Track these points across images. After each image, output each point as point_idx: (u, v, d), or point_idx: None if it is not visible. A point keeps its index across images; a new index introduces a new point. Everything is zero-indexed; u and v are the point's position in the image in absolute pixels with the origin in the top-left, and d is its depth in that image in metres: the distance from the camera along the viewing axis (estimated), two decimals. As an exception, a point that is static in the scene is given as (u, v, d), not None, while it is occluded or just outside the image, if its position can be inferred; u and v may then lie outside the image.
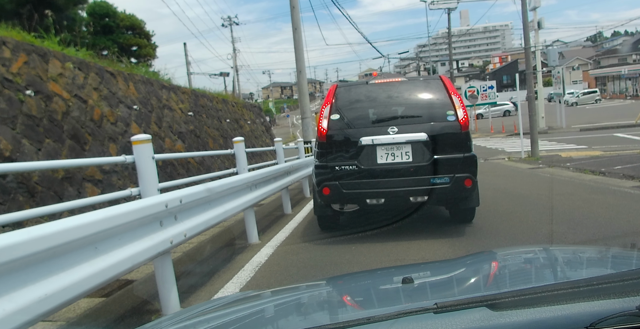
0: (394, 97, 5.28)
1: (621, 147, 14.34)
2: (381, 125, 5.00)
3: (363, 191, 4.92)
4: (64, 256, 2.05)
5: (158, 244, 2.83)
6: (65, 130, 6.20)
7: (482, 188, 8.43)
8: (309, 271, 4.09)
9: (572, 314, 0.93)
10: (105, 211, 2.45)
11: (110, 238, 2.44)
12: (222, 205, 4.17)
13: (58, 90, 6.35)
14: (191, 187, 3.46)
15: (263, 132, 19.67)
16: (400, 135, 4.83)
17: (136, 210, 2.69)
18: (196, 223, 3.45)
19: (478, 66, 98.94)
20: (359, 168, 4.85)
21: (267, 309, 1.49)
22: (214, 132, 13.40)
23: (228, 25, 43.76)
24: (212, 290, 3.65)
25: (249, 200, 4.98)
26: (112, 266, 2.35)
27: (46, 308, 1.85)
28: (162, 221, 3.00)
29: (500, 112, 40.71)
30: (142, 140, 3.08)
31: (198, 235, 3.56)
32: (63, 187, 5.89)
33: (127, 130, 7.80)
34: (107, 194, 2.99)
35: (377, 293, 1.53)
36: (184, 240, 3.19)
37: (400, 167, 4.82)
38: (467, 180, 4.78)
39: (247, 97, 55.26)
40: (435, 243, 4.69)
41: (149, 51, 17.34)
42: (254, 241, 5.34)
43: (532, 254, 1.91)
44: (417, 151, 4.82)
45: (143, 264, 2.80)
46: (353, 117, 5.11)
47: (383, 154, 4.86)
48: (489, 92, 29.31)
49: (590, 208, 5.96)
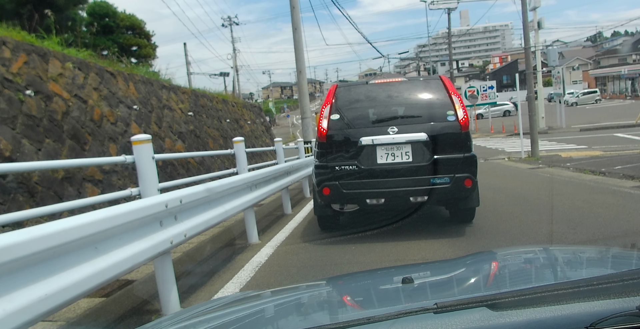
0: (393, 97, 5.28)
1: (621, 147, 14.33)
2: (381, 125, 5.00)
3: (363, 192, 4.91)
4: (64, 256, 2.05)
5: (158, 244, 2.83)
6: (65, 130, 6.19)
7: (482, 188, 8.40)
8: (309, 271, 4.09)
9: (572, 314, 0.93)
10: (105, 211, 2.45)
11: (110, 238, 2.44)
12: (222, 205, 4.17)
13: (58, 90, 6.34)
14: (191, 187, 3.46)
15: (263, 132, 19.64)
16: (400, 135, 4.83)
17: (136, 210, 2.69)
18: (196, 223, 3.45)
19: (478, 66, 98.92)
20: (359, 168, 4.85)
21: (267, 309, 1.50)
22: (214, 132, 13.38)
23: (228, 25, 43.81)
24: (212, 290, 3.65)
25: (249, 200, 4.98)
26: (112, 266, 2.35)
27: (46, 307, 1.85)
28: (162, 222, 3.00)
29: (500, 112, 40.65)
30: (142, 140, 3.08)
31: (198, 234, 3.56)
32: (63, 187, 5.89)
33: (127, 130, 7.78)
34: (107, 194, 2.99)
35: (377, 293, 1.53)
36: (184, 240, 3.19)
37: (400, 167, 4.82)
38: (467, 180, 4.78)
39: (247, 97, 55.18)
40: (436, 243, 4.69)
41: (149, 51, 17.29)
42: (254, 241, 5.34)
43: (531, 254, 1.91)
44: (417, 151, 4.82)
45: (143, 264, 2.80)
46: (353, 117, 5.10)
47: (383, 154, 4.86)
48: (489, 92, 29.22)
49: (591, 208, 5.95)
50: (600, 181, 8.17)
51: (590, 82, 60.69)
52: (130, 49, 16.58)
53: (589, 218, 5.31)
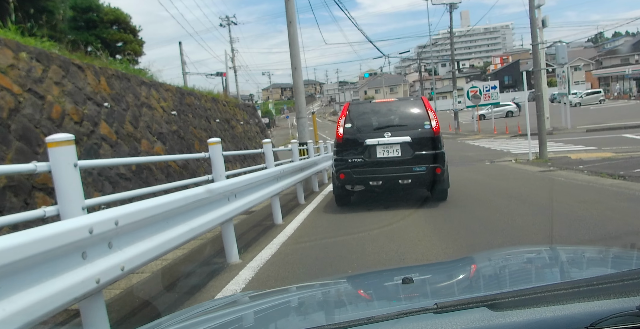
0: (389, 112, 7.33)
1: (633, 148, 13.57)
2: (380, 131, 6.96)
3: (367, 176, 6.89)
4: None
5: (73, 287, 2.04)
6: (13, 129, 5.32)
7: (495, 194, 7.75)
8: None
9: (572, 314, 0.91)
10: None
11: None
12: (186, 221, 3.37)
13: (6, 83, 5.48)
14: (135, 203, 2.66)
15: (257, 133, 18.68)
16: (393, 138, 6.84)
17: (40, 239, 1.90)
18: (143, 250, 2.64)
19: (479, 67, 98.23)
20: (364, 161, 6.89)
21: (266, 309, 1.45)
22: (201, 132, 12.46)
23: (226, 25, 42.68)
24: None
25: (225, 213, 4.18)
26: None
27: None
28: (86, 252, 2.21)
29: (502, 112, 39.44)
30: (61, 141, 2.25)
31: (148, 263, 2.75)
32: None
33: (94, 130, 6.92)
34: (10, 216, 2.18)
35: (377, 293, 1.52)
36: (121, 275, 2.39)
37: (393, 160, 6.82)
38: (437, 169, 6.72)
39: (247, 98, 54.13)
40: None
41: (135, 47, 16.30)
42: (233, 261, 4.53)
43: (532, 254, 1.88)
44: (404, 149, 6.81)
45: (50, 315, 2.00)
46: (361, 125, 7.14)
47: (381, 151, 6.86)
48: (491, 92, 28.38)
49: (625, 219, 5.18)
50: (622, 186, 7.39)
51: (592, 82, 59.92)
52: (115, 45, 15.68)
53: (629, 233, 4.51)
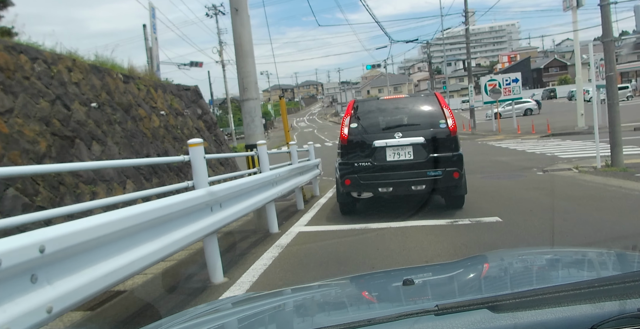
0: (398, 110, 6.55)
1: None
2: (389, 131, 6.20)
3: (376, 182, 6.10)
4: None
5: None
6: None
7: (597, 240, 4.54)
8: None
9: (574, 316, 0.91)
10: None
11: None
12: (152, 240, 2.85)
13: None
14: (75, 222, 2.14)
15: (200, 131, 12.23)
16: (404, 139, 6.09)
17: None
18: (85, 281, 2.12)
19: (485, 66, 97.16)
20: (372, 164, 6.12)
21: (267, 311, 1.44)
22: (37, 126, 6.03)
23: (213, 15, 37.87)
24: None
25: (203, 227, 3.66)
26: None
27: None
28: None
29: (520, 110, 34.56)
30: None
31: (87, 299, 2.21)
32: None
33: None
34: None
35: (378, 294, 1.51)
36: (47, 318, 1.86)
37: (404, 163, 6.06)
38: (455, 173, 5.99)
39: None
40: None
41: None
42: (217, 281, 4.01)
43: (533, 256, 1.84)
44: (417, 151, 6.06)
45: None
46: (367, 125, 6.37)
47: (391, 153, 6.11)
48: (512, 86, 25.06)
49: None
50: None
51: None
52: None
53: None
